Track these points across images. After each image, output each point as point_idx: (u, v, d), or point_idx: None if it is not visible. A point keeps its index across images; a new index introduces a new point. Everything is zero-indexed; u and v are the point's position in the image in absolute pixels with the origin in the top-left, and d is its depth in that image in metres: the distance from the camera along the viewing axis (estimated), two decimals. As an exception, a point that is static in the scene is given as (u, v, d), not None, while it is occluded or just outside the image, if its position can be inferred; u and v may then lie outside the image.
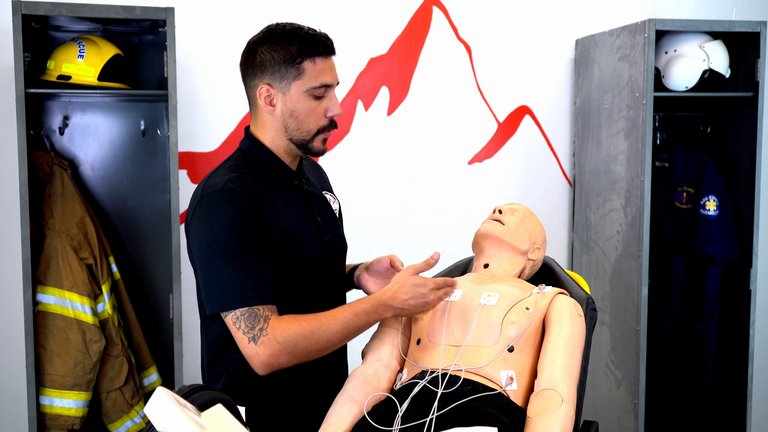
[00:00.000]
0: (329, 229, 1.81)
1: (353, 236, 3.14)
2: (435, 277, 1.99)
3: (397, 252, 3.23)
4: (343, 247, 1.89)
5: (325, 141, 1.73)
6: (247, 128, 1.78)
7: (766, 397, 3.54)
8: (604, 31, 3.13)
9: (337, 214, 1.89)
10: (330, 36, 1.71)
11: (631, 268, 2.99)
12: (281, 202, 1.70)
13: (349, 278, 1.92)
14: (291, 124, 1.69)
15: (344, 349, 1.89)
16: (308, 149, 1.72)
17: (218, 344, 1.73)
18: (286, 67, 1.66)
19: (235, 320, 1.57)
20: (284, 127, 1.70)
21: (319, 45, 1.66)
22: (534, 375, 1.64)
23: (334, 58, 1.71)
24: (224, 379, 1.74)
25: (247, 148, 1.75)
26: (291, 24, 1.71)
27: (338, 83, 1.73)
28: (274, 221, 1.65)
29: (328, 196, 1.89)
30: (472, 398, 1.54)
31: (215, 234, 1.58)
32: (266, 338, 1.56)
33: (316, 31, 1.69)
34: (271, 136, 1.72)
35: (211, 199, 1.61)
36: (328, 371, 1.81)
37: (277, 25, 1.72)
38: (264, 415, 1.72)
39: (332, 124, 1.72)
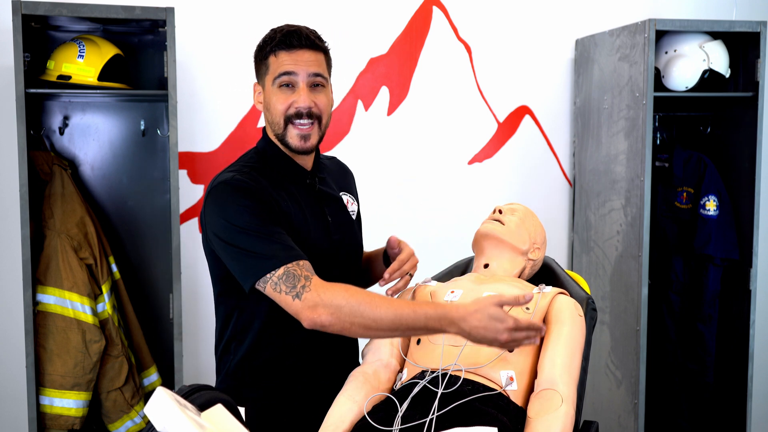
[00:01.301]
0: (339, 229, 1.82)
1: (353, 236, 3.15)
2: (435, 276, 2.00)
3: (397, 252, 3.23)
4: (354, 248, 1.88)
5: (302, 137, 1.71)
6: (264, 128, 1.82)
7: (766, 397, 3.54)
8: (604, 31, 3.13)
9: (355, 216, 1.90)
10: (310, 30, 1.73)
11: (631, 268, 2.99)
12: (288, 199, 1.72)
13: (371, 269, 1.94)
14: (268, 118, 1.75)
15: (356, 350, 1.89)
16: (287, 144, 1.73)
17: (224, 339, 1.77)
18: (259, 64, 1.75)
19: (274, 286, 1.56)
20: (268, 123, 1.77)
21: (282, 40, 1.69)
22: (534, 375, 1.64)
23: (312, 52, 1.70)
24: (223, 375, 1.76)
25: (261, 146, 1.80)
26: (286, 25, 1.75)
27: (315, 74, 1.70)
28: (281, 214, 1.68)
29: (346, 197, 1.89)
30: (472, 398, 1.54)
31: (230, 217, 1.61)
32: (309, 294, 1.54)
33: (290, 27, 1.72)
34: (270, 133, 1.78)
35: (219, 190, 1.66)
36: (336, 371, 1.80)
37: (274, 28, 1.76)
38: (264, 415, 1.72)
39: (302, 116, 1.70)
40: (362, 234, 1.97)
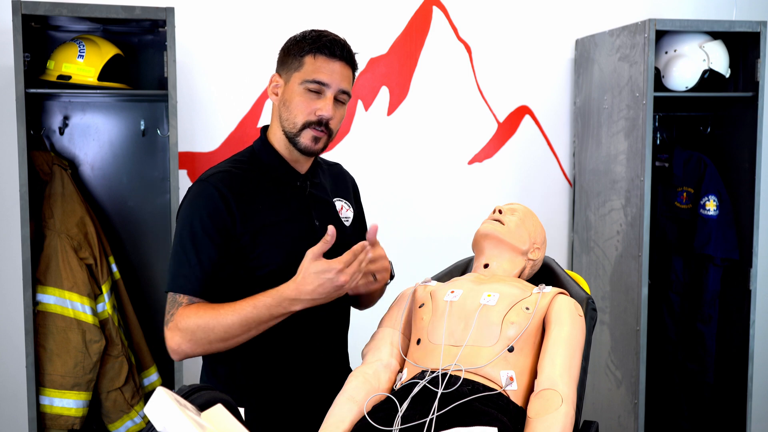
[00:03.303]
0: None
1: (353, 236, 3.15)
2: (435, 276, 2.00)
3: (397, 252, 3.22)
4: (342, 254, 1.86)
5: (315, 139, 1.72)
6: (264, 128, 1.83)
7: (766, 397, 3.54)
8: (604, 31, 3.13)
9: (349, 222, 1.89)
10: (356, 53, 1.75)
11: (631, 268, 2.99)
12: (270, 201, 1.73)
13: None
14: (284, 114, 1.74)
15: (345, 350, 1.89)
16: (296, 143, 1.73)
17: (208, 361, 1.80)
18: (292, 58, 1.73)
19: (167, 302, 1.70)
20: (279, 117, 1.75)
21: (325, 45, 1.70)
22: (534, 375, 1.64)
23: (348, 68, 1.72)
24: (223, 381, 1.75)
25: (257, 146, 1.81)
26: (327, 30, 1.76)
27: (344, 92, 1.72)
28: (249, 220, 1.69)
29: (340, 203, 1.89)
30: (472, 398, 1.54)
31: (184, 220, 1.70)
32: (172, 324, 1.66)
33: (337, 37, 1.73)
34: (275, 129, 1.78)
35: (195, 187, 1.72)
36: (329, 371, 1.81)
37: (317, 29, 1.78)
38: (264, 416, 1.72)
39: (321, 124, 1.71)
40: (358, 240, 1.95)
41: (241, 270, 1.70)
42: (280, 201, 1.75)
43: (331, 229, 1.57)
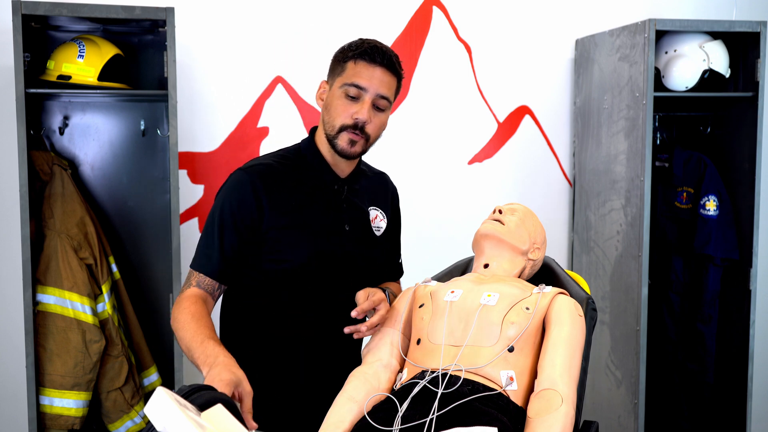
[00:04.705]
0: (355, 241, 1.84)
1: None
2: (435, 276, 2.00)
3: (397, 252, 3.24)
4: (367, 263, 1.89)
5: (352, 143, 1.76)
6: (313, 128, 1.89)
7: (766, 397, 3.54)
8: (604, 31, 3.13)
9: (380, 232, 1.92)
10: (393, 53, 1.79)
11: (631, 268, 2.99)
12: (304, 200, 1.78)
13: None
14: (325, 117, 1.80)
15: (358, 349, 1.90)
16: (334, 145, 1.78)
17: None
18: (336, 64, 1.80)
19: (187, 274, 1.79)
20: (323, 121, 1.81)
21: (366, 51, 1.75)
22: (534, 375, 1.64)
23: (389, 74, 1.77)
24: None
25: (303, 144, 1.87)
26: (376, 40, 1.80)
27: (382, 96, 1.76)
28: (278, 214, 1.75)
29: (375, 212, 1.92)
30: (472, 398, 1.54)
31: (216, 201, 1.79)
32: (178, 299, 1.75)
33: (380, 44, 1.78)
34: (320, 132, 1.84)
35: (235, 174, 1.79)
36: (329, 372, 1.81)
37: (365, 39, 1.83)
38: (264, 416, 1.72)
39: (357, 128, 1.75)
40: (392, 250, 2.00)
41: (266, 263, 1.76)
42: (314, 201, 1.80)
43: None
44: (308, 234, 1.77)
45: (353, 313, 1.71)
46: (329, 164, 1.84)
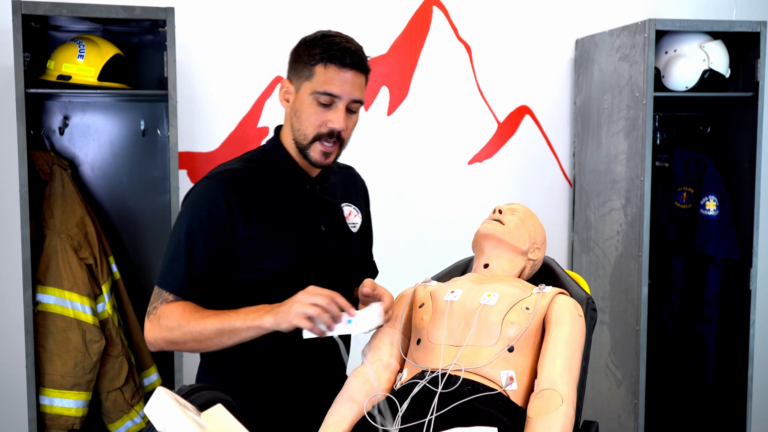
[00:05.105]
0: (333, 240, 1.79)
1: (353, 236, 3.15)
2: (435, 276, 2.00)
3: (397, 252, 3.24)
4: (347, 260, 1.83)
5: (325, 154, 1.70)
6: (278, 127, 1.81)
7: (766, 397, 3.54)
8: (604, 31, 3.13)
9: (356, 229, 1.86)
10: (360, 48, 1.68)
11: (631, 268, 2.99)
12: (277, 204, 1.71)
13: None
14: (294, 124, 1.71)
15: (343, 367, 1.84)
16: (306, 155, 1.71)
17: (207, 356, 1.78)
18: (303, 65, 1.67)
19: (153, 293, 1.69)
20: (291, 126, 1.72)
21: (336, 54, 1.64)
22: (534, 375, 1.64)
23: (360, 75, 1.68)
24: (222, 382, 1.75)
25: (269, 146, 1.79)
26: (337, 33, 1.70)
27: (357, 101, 1.69)
28: (252, 222, 1.67)
29: (348, 208, 1.87)
30: (472, 398, 1.54)
31: (184, 216, 1.69)
32: (153, 317, 1.65)
33: (349, 43, 1.67)
34: (286, 134, 1.75)
35: (202, 183, 1.70)
36: (329, 373, 1.81)
37: (329, 31, 1.71)
38: (264, 416, 1.72)
39: (333, 137, 1.68)
40: (366, 247, 1.95)
41: (240, 273, 1.68)
42: (288, 204, 1.73)
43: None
44: (286, 239, 1.70)
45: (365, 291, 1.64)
46: (298, 164, 1.75)
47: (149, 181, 2.98)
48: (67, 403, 2.63)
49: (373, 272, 2.01)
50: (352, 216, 1.87)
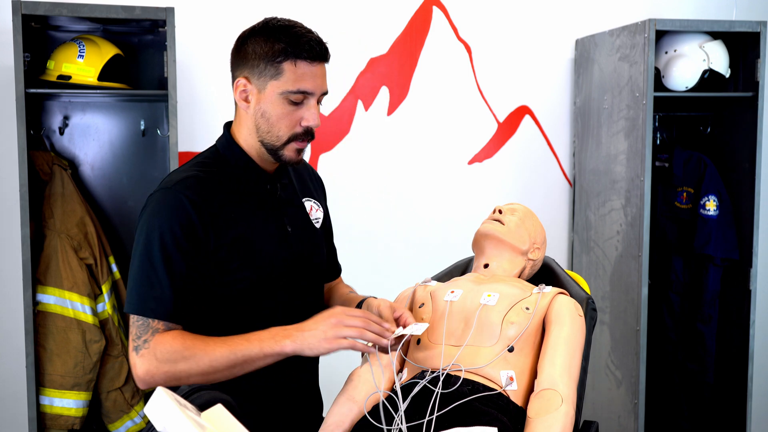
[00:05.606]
0: (300, 240, 1.70)
1: (353, 237, 3.16)
2: (435, 276, 2.00)
3: (397, 252, 3.24)
4: (316, 260, 1.75)
5: (299, 151, 1.61)
6: (227, 125, 1.70)
7: (766, 397, 3.54)
8: (604, 31, 3.13)
9: (319, 224, 1.77)
10: (327, 42, 1.59)
11: (631, 268, 2.99)
12: (242, 209, 1.61)
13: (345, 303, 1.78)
14: (262, 126, 1.59)
15: (316, 372, 1.79)
16: (278, 156, 1.61)
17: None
18: (266, 63, 1.55)
19: (132, 323, 1.53)
20: (256, 127, 1.60)
21: (305, 48, 1.54)
22: (534, 375, 1.64)
23: (325, 66, 1.59)
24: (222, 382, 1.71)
25: (222, 146, 1.67)
26: (289, 21, 1.59)
27: (325, 93, 1.60)
28: (222, 231, 1.56)
29: (309, 203, 1.77)
30: (472, 398, 1.54)
31: (149, 233, 1.53)
32: (146, 351, 1.49)
33: (311, 33, 1.57)
34: (245, 134, 1.63)
35: (160, 195, 1.56)
36: (297, 391, 1.74)
37: (275, 19, 1.61)
38: (263, 416, 1.72)
39: (308, 134, 1.60)
40: (330, 240, 1.87)
41: (219, 287, 1.58)
42: (252, 208, 1.63)
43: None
44: (256, 246, 1.59)
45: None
46: (255, 162, 1.64)
47: (149, 181, 2.98)
48: (67, 403, 2.63)
49: (337, 270, 1.94)
50: (314, 211, 1.77)
